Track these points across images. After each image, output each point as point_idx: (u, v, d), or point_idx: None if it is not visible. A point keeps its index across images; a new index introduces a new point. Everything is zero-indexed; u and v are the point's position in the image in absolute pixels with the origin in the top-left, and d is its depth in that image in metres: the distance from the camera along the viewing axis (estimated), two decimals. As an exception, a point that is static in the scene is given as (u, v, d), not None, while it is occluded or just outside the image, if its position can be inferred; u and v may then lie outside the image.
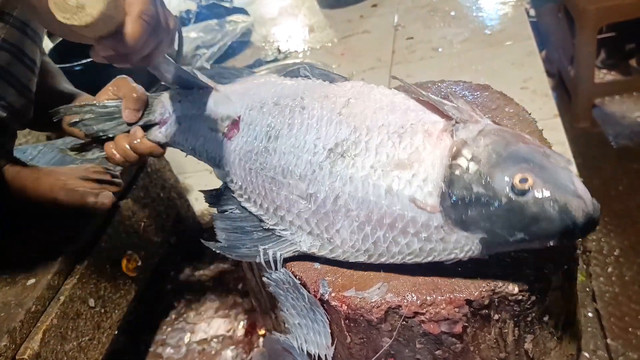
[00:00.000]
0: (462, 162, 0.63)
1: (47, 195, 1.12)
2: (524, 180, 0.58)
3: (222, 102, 0.88)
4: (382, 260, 0.69)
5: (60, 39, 2.14)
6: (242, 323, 1.32)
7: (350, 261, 0.72)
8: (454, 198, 0.62)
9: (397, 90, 0.76)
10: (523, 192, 0.58)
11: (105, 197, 1.12)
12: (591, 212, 0.57)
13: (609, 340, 1.74)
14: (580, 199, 0.57)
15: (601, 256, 2.07)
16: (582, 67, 2.49)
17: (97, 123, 0.93)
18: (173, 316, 1.41)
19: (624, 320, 1.83)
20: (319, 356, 0.78)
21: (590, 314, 1.10)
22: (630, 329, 1.79)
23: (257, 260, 0.76)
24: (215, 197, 0.90)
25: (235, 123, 0.84)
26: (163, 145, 0.93)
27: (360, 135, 0.70)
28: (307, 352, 0.80)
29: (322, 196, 0.70)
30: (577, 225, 0.56)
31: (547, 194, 0.57)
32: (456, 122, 0.67)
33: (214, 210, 0.93)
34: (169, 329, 1.38)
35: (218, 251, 0.79)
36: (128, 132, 0.93)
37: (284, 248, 0.76)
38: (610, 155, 2.53)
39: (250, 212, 0.83)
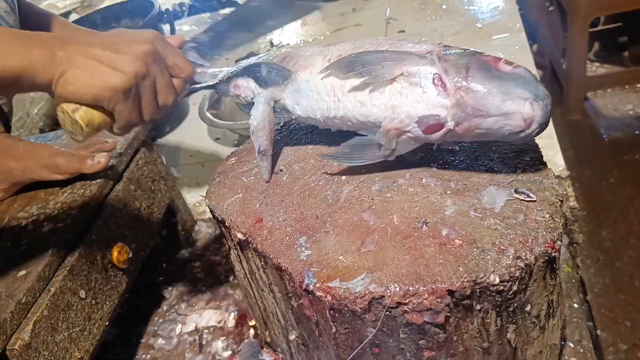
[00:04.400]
0: None
1: (46, 160, 1.14)
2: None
3: None
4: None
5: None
6: (232, 314, 1.33)
7: None
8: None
9: None
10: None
11: (102, 156, 1.16)
12: None
13: (599, 332, 1.76)
14: None
15: (592, 247, 2.09)
16: (574, 59, 2.50)
17: None
18: (164, 307, 1.42)
19: (614, 311, 1.85)
20: None
21: (575, 305, 1.12)
22: (620, 320, 1.81)
23: None
24: None
25: None
26: None
27: None
28: None
29: None
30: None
31: None
32: None
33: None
34: (161, 320, 1.39)
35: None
36: None
37: None
38: (602, 147, 2.54)
39: None
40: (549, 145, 1.51)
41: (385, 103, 0.76)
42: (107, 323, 1.12)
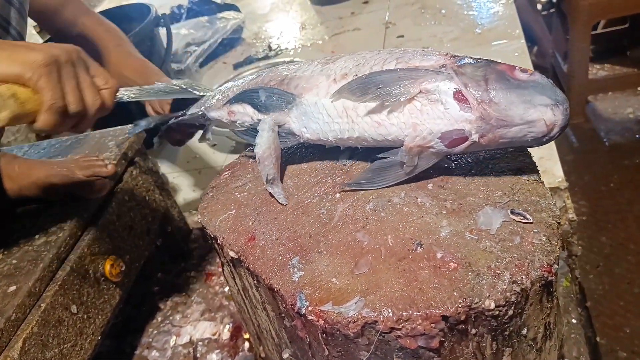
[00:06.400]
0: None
1: (42, 181, 1.14)
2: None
3: None
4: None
5: (49, 36, 2.13)
6: (227, 326, 1.31)
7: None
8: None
9: None
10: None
11: (101, 183, 1.18)
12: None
13: (598, 339, 1.75)
14: None
15: (592, 254, 2.08)
16: (576, 63, 2.49)
17: None
18: (159, 318, 1.41)
19: (613, 319, 1.84)
20: None
21: (574, 321, 1.10)
22: (619, 327, 1.80)
23: None
24: None
25: None
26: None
27: None
28: None
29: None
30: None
31: None
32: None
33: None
34: (155, 331, 1.38)
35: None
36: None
37: None
38: (602, 151, 2.54)
39: None
40: (548, 155, 1.50)
41: (405, 122, 0.75)
42: (99, 337, 1.11)
